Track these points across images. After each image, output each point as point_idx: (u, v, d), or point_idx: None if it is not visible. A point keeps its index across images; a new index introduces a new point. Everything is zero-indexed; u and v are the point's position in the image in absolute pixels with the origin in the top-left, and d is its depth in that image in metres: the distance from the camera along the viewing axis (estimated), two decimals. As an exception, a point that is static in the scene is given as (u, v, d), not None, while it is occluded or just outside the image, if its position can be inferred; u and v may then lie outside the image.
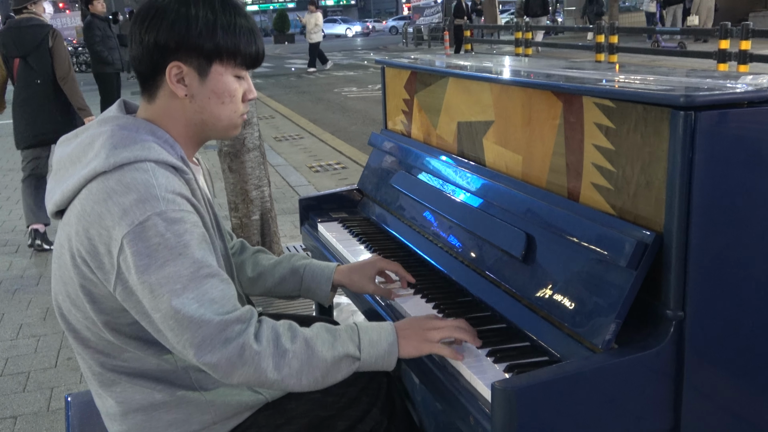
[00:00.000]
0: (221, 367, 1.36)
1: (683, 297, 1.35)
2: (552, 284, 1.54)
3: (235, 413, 1.57)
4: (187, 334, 1.33)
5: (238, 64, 1.51)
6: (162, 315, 1.34)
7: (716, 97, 1.31)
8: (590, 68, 2.09)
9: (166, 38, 1.44)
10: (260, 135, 4.34)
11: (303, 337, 1.44)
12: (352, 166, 7.64)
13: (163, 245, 1.33)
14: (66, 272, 1.44)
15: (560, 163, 1.67)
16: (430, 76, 2.34)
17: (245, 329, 1.38)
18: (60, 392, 3.22)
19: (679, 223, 1.32)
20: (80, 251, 1.39)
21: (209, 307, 1.34)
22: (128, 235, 1.33)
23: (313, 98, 14.54)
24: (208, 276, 1.37)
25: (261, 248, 1.95)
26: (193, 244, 1.36)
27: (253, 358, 1.36)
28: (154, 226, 1.33)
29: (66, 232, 1.43)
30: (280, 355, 1.40)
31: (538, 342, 1.54)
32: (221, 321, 1.35)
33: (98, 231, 1.36)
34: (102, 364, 1.51)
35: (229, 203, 4.38)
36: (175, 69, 1.46)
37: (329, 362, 1.44)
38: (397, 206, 2.32)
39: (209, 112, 1.50)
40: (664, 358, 1.35)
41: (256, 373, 1.38)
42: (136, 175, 1.37)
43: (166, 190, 1.37)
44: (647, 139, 1.39)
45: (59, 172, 1.49)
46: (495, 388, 1.28)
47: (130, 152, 1.40)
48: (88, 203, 1.38)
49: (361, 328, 1.52)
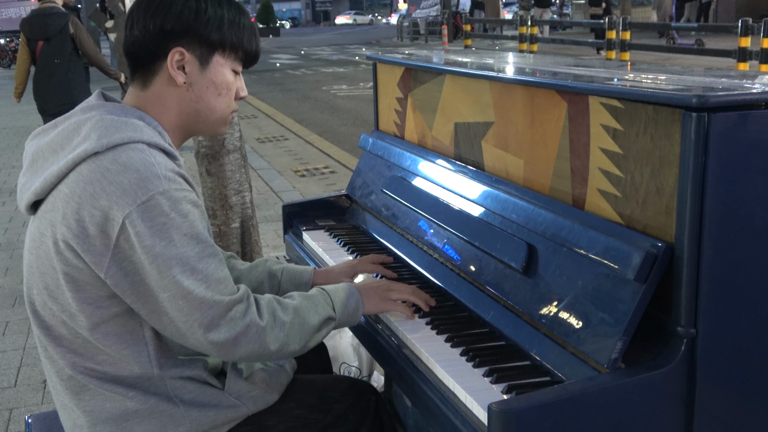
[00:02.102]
0: (228, 345, 1.48)
1: (695, 313, 1.36)
2: (554, 298, 1.55)
3: (213, 426, 1.59)
4: (197, 314, 1.45)
5: (238, 59, 1.63)
6: (171, 295, 1.43)
7: (732, 97, 1.33)
8: (598, 66, 2.11)
9: (174, 24, 1.55)
10: (241, 135, 4.34)
11: (293, 307, 1.61)
12: (341, 170, 7.65)
13: (168, 225, 1.42)
14: (46, 262, 1.49)
15: (564, 168, 1.69)
16: (425, 73, 2.35)
17: (249, 308, 1.52)
18: (20, 413, 3.21)
19: (691, 233, 1.34)
20: (66, 235, 1.43)
21: (216, 288, 1.47)
22: (131, 215, 1.40)
23: (300, 96, 14.57)
24: (211, 255, 1.48)
25: (232, 254, 2.02)
26: (197, 224, 1.47)
27: (259, 334, 1.52)
28: (159, 206, 1.42)
29: (48, 219, 1.47)
30: (280, 327, 1.56)
31: (540, 361, 1.55)
32: (229, 301, 1.48)
33: (90, 212, 1.41)
34: (73, 365, 1.53)
35: (207, 209, 4.37)
36: (177, 55, 1.56)
37: (315, 326, 1.63)
38: (389, 214, 2.33)
39: (205, 102, 1.61)
40: (674, 378, 1.36)
41: (260, 348, 1.53)
42: (132, 154, 1.45)
43: (165, 168, 1.46)
44: (657, 143, 1.41)
45: (36, 162, 1.54)
46: (492, 410, 1.28)
47: (122, 134, 1.47)
48: (78, 185, 1.44)
49: (330, 291, 1.72)
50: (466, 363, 1.59)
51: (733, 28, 11.45)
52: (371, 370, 2.92)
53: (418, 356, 1.67)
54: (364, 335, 1.89)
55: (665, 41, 18.05)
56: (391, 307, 1.78)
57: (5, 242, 5.68)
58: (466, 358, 1.60)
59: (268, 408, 1.67)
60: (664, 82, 1.61)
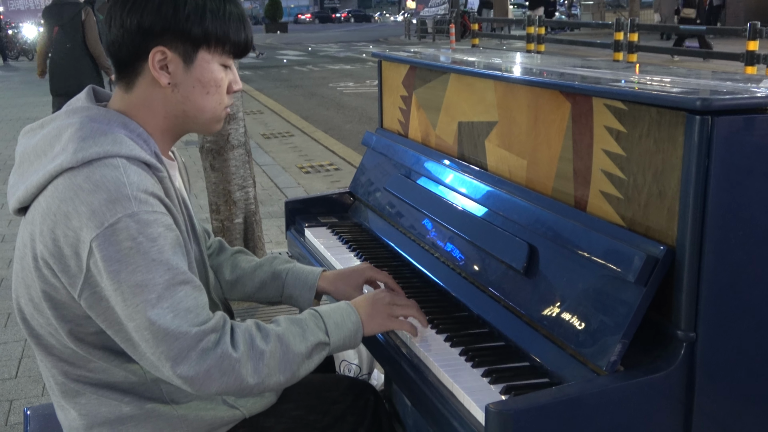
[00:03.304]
0: (198, 380, 1.38)
1: (695, 317, 1.36)
2: (554, 300, 1.55)
3: (210, 429, 1.57)
4: (163, 347, 1.35)
5: (225, 52, 1.53)
6: (136, 325, 1.35)
7: (735, 101, 1.32)
8: (604, 67, 2.10)
9: (151, 21, 1.45)
10: (246, 131, 4.35)
11: (275, 335, 1.49)
12: (345, 167, 7.65)
13: (135, 249, 1.34)
14: (29, 275, 1.45)
15: (567, 169, 1.68)
16: (429, 71, 2.35)
17: (221, 338, 1.41)
18: (20, 405, 3.22)
19: (692, 236, 1.33)
20: (43, 253, 1.39)
21: (185, 318, 1.37)
22: (98, 237, 1.33)
23: (306, 93, 14.57)
24: (183, 283, 1.39)
25: (241, 249, 1.96)
26: (167, 249, 1.38)
27: (233, 366, 1.40)
28: (126, 229, 1.34)
29: (29, 231, 1.43)
30: (257, 357, 1.44)
31: (539, 362, 1.55)
32: (198, 332, 1.37)
33: (64, 232, 1.36)
34: (66, 373, 1.50)
35: (211, 204, 4.38)
36: (158, 54, 1.47)
37: (304, 354, 1.51)
38: (391, 212, 2.32)
39: (192, 102, 1.52)
40: (673, 382, 1.36)
41: (236, 382, 1.41)
42: (105, 171, 1.38)
43: (138, 189, 1.38)
44: (660, 145, 1.40)
45: (23, 165, 1.49)
46: (489, 411, 1.28)
47: (100, 147, 1.40)
48: (53, 201, 1.38)
49: (323, 313, 1.59)
50: (465, 363, 1.58)
51: (742, 32, 11.43)
52: (371, 368, 2.92)
53: (416, 355, 1.66)
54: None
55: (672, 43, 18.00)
56: (396, 326, 1.66)
57: (9, 234, 5.68)
58: (465, 357, 1.60)
59: (266, 409, 1.65)
60: (669, 84, 1.61)
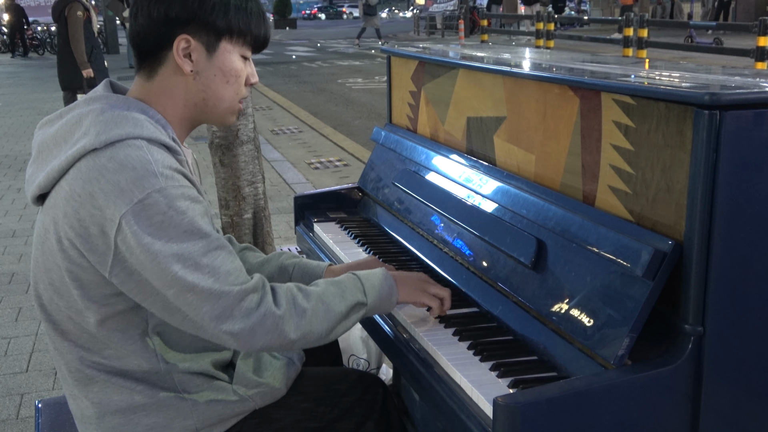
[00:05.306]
0: (244, 336, 1.45)
1: (703, 311, 1.36)
2: (562, 294, 1.55)
3: (220, 420, 1.59)
4: (207, 306, 1.42)
5: (246, 44, 1.60)
6: (176, 291, 1.41)
7: (744, 95, 1.32)
8: (613, 63, 2.10)
9: (178, 11, 1.52)
10: (255, 127, 4.35)
11: (316, 294, 1.57)
12: (354, 163, 7.65)
13: (166, 223, 1.40)
14: (51, 258, 1.48)
15: (576, 164, 1.69)
16: (438, 67, 2.35)
17: (263, 297, 1.49)
18: (31, 399, 3.24)
19: (700, 231, 1.34)
20: (69, 234, 1.42)
21: (225, 279, 1.44)
22: (127, 214, 1.38)
23: (315, 89, 14.58)
24: (218, 248, 1.45)
25: (249, 245, 1.98)
26: (197, 219, 1.44)
27: (277, 323, 1.48)
28: (156, 204, 1.39)
29: (51, 215, 1.46)
30: (300, 315, 1.52)
31: (547, 356, 1.55)
32: (240, 290, 1.45)
33: (90, 212, 1.40)
34: (81, 359, 1.53)
35: (220, 200, 4.39)
36: (183, 42, 1.53)
37: (343, 313, 1.59)
38: (400, 207, 2.33)
39: (213, 91, 1.58)
40: (681, 376, 1.36)
41: (279, 338, 1.49)
42: (129, 151, 1.42)
43: (163, 165, 1.43)
44: (669, 140, 1.41)
45: (42, 154, 1.53)
46: (497, 404, 1.29)
47: (122, 129, 1.44)
48: (77, 183, 1.42)
49: (361, 276, 1.67)
50: (473, 357, 1.59)
51: (752, 27, 11.36)
52: (380, 362, 2.93)
53: (425, 349, 1.67)
54: (372, 328, 1.90)
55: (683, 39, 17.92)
56: (426, 300, 1.73)
57: (20, 229, 5.72)
58: (474, 351, 1.61)
59: (276, 401, 1.67)
60: (677, 79, 1.61)
